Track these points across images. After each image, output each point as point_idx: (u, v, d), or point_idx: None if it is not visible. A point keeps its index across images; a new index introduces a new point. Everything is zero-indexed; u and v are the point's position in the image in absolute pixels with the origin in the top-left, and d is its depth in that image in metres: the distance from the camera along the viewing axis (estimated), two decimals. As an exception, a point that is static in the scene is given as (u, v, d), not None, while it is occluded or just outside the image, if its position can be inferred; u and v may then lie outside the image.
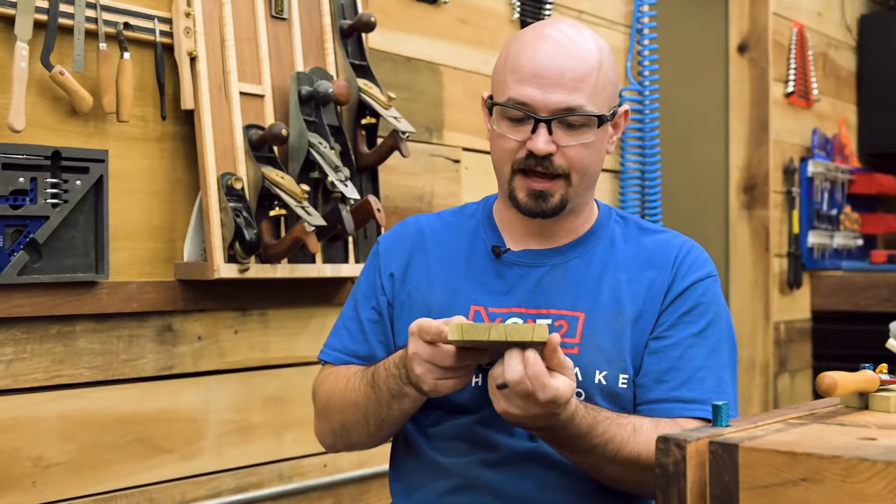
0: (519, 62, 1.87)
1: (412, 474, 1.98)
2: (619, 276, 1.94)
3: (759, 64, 4.98)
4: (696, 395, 1.87)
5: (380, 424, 1.91)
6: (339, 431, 1.99)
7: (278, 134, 2.58)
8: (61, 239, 2.33)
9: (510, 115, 1.88)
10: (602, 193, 3.97)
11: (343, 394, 1.94)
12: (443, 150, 3.30)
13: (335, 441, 2.03)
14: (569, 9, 3.82)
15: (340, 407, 1.95)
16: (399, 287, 2.01)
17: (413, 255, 2.03)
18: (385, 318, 2.02)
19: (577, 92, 1.84)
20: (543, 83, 1.84)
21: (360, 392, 1.90)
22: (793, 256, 5.12)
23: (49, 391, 2.35)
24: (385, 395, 1.84)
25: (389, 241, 2.07)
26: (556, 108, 1.84)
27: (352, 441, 1.99)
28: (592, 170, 1.92)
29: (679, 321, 1.91)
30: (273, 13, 2.75)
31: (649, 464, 1.72)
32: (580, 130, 1.87)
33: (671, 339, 1.90)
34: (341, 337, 2.05)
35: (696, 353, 1.90)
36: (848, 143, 5.64)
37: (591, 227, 2.00)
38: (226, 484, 2.69)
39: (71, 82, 2.32)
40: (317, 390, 2.04)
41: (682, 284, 1.93)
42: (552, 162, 1.87)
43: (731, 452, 1.37)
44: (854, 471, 1.29)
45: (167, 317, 2.57)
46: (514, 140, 1.88)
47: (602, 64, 1.89)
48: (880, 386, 1.71)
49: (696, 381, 1.88)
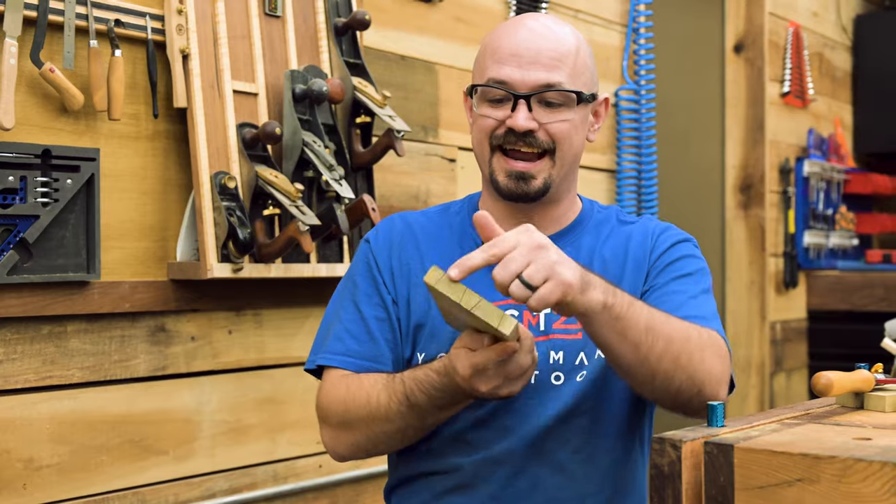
0: (498, 45, 1.90)
1: (408, 476, 1.97)
2: (607, 264, 1.96)
3: (755, 64, 4.98)
4: (695, 313, 1.87)
5: (419, 433, 1.88)
6: (365, 444, 1.91)
7: (272, 132, 2.57)
8: (52, 238, 2.32)
9: (490, 96, 1.90)
10: (599, 193, 3.97)
11: (368, 408, 1.86)
12: (438, 148, 3.29)
13: (356, 452, 1.95)
14: (565, 7, 3.81)
15: (366, 422, 1.87)
16: (400, 282, 1.98)
17: (405, 250, 2.01)
18: (392, 317, 1.96)
19: (556, 70, 1.88)
20: (522, 61, 1.87)
21: (393, 410, 1.84)
22: (789, 256, 5.12)
23: (40, 392, 2.34)
24: (429, 408, 1.81)
25: (380, 238, 2.03)
26: (535, 85, 1.87)
27: (379, 451, 1.94)
28: (572, 151, 1.93)
29: (665, 269, 1.94)
30: (267, 11, 2.74)
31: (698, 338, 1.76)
32: (559, 109, 1.89)
33: (659, 283, 1.93)
34: (344, 341, 1.96)
35: (686, 287, 1.92)
36: (843, 143, 5.65)
37: (576, 218, 2.02)
38: (219, 485, 2.67)
39: (61, 80, 2.31)
40: (327, 401, 1.94)
41: (664, 245, 1.97)
42: (535, 138, 1.88)
43: (726, 453, 1.37)
44: (850, 471, 1.28)
45: (160, 317, 2.56)
46: (493, 119, 1.90)
47: (580, 50, 1.92)
48: (876, 386, 1.70)
49: (691, 306, 1.89)
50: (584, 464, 1.89)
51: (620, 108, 4.11)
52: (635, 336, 1.71)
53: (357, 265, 2.03)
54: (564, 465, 1.88)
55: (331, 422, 1.94)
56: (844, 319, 5.25)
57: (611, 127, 4.09)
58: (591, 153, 3.96)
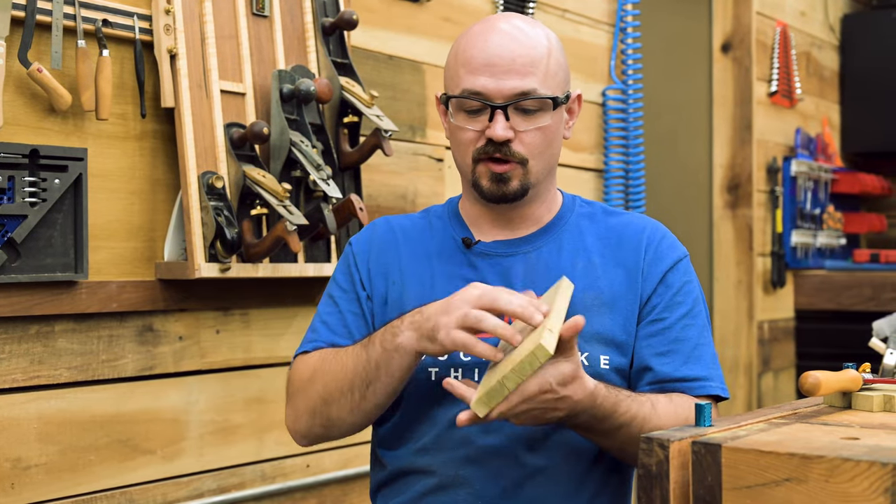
0: (470, 54, 1.91)
1: (392, 476, 1.98)
2: (592, 259, 1.98)
3: (742, 63, 4.98)
4: (699, 373, 1.93)
5: (363, 394, 1.85)
6: (319, 407, 1.91)
7: (259, 132, 2.57)
8: (40, 238, 2.31)
9: (466, 107, 1.92)
10: (586, 193, 3.97)
11: (332, 363, 1.89)
12: (426, 148, 3.29)
13: (311, 422, 1.94)
14: (552, 7, 3.81)
15: (325, 376, 1.89)
16: (377, 284, 2.02)
17: (385, 253, 2.04)
18: (367, 313, 2.01)
19: (530, 76, 1.89)
20: (496, 70, 1.88)
21: (350, 354, 1.87)
22: (776, 256, 5.13)
23: (28, 392, 2.33)
24: (377, 352, 1.81)
25: (361, 242, 2.08)
26: (511, 94, 1.88)
27: (331, 418, 1.91)
28: (550, 154, 1.96)
29: (671, 303, 1.96)
30: (254, 10, 2.73)
31: None
32: (536, 115, 1.91)
33: (667, 321, 1.94)
34: (319, 332, 2.02)
35: (690, 333, 1.95)
36: (831, 143, 5.65)
37: (557, 215, 2.04)
38: (207, 485, 2.67)
39: (49, 80, 2.30)
40: (294, 372, 1.98)
41: (663, 266, 1.98)
42: (510, 148, 1.90)
43: (714, 453, 1.37)
44: (837, 471, 1.28)
45: (148, 317, 2.55)
46: (472, 130, 1.92)
47: (552, 51, 1.93)
48: (863, 385, 1.71)
49: (695, 360, 1.93)
50: (566, 463, 1.90)
51: (608, 107, 4.11)
52: (607, 433, 1.82)
53: (338, 267, 2.09)
54: (546, 464, 1.88)
55: (291, 392, 1.98)
56: (832, 319, 5.26)
57: (598, 126, 4.09)
58: (578, 153, 3.96)
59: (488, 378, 1.69)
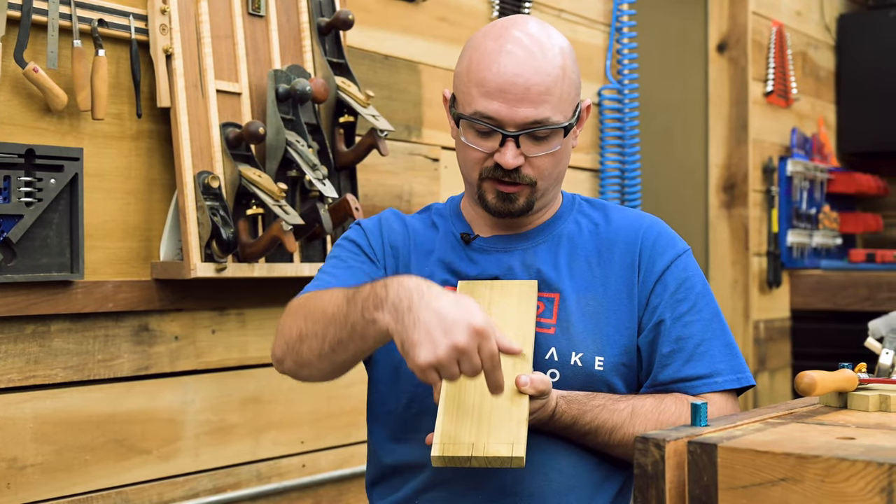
0: (484, 76, 1.86)
1: (389, 471, 1.98)
2: (590, 256, 1.98)
3: (738, 63, 4.99)
4: (701, 371, 1.92)
5: (333, 346, 1.78)
6: (294, 342, 1.85)
7: (255, 132, 2.56)
8: (35, 238, 2.31)
9: (477, 127, 1.89)
10: (582, 192, 3.93)
11: (316, 301, 1.83)
12: (422, 148, 3.29)
13: (285, 354, 1.88)
14: (548, 7, 3.81)
15: (306, 314, 1.83)
16: (389, 261, 2.03)
17: (395, 236, 2.05)
18: (379, 268, 2.01)
19: (544, 104, 1.86)
20: (510, 98, 1.84)
21: (332, 301, 1.78)
22: (772, 255, 5.13)
23: (24, 392, 2.33)
24: (356, 314, 1.71)
25: (372, 223, 2.08)
26: (524, 123, 1.86)
27: (301, 356, 1.84)
28: (558, 172, 1.96)
29: (671, 302, 1.95)
30: (250, 10, 2.73)
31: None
32: (547, 141, 1.89)
33: (667, 321, 1.94)
34: (321, 282, 1.96)
35: (693, 330, 1.94)
36: (827, 143, 5.66)
37: (556, 212, 2.04)
38: (203, 485, 2.67)
39: (45, 79, 2.30)
40: (289, 305, 1.91)
41: (661, 264, 1.97)
42: (519, 172, 1.89)
43: (709, 452, 1.37)
44: (833, 470, 1.28)
45: (143, 316, 2.55)
46: (481, 151, 1.90)
47: (566, 69, 1.89)
48: (859, 385, 1.70)
49: (698, 357, 1.93)
50: (565, 457, 1.90)
51: (604, 107, 4.11)
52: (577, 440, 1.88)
53: (341, 241, 2.07)
54: (545, 459, 1.88)
55: (282, 319, 1.90)
56: (828, 319, 5.27)
57: (594, 126, 4.09)
58: (574, 153, 3.94)
59: (455, 424, 1.73)
